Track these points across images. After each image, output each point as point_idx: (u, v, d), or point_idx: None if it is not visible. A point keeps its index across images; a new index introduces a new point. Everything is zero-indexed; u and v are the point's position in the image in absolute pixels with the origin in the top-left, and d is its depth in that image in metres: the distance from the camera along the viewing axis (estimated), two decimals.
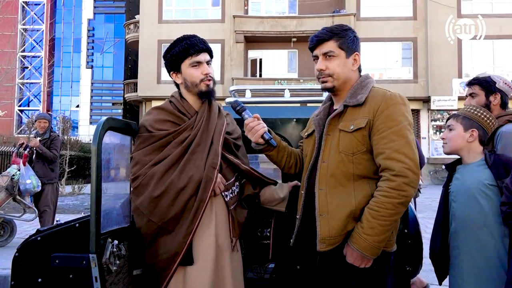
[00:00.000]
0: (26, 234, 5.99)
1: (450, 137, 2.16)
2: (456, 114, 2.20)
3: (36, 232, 2.03)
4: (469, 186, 2.06)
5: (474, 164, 2.10)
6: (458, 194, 2.11)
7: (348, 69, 1.83)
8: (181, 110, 2.04)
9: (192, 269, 1.89)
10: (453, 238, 2.10)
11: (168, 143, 1.96)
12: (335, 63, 1.81)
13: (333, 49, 1.80)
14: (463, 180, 2.11)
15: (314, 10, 21.39)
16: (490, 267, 1.96)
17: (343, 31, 1.82)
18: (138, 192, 1.91)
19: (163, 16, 21.67)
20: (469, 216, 2.03)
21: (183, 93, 2.09)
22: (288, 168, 2.10)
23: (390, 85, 17.02)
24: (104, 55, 36.90)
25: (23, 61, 34.44)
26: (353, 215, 1.69)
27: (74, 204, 10.93)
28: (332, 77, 1.82)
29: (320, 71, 1.83)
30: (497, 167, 2.01)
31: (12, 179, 5.60)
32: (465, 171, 2.12)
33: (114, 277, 1.80)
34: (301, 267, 1.94)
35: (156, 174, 1.89)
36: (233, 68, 21.07)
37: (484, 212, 1.99)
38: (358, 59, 1.85)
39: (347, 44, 1.81)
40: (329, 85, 1.84)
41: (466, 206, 2.05)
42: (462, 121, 2.14)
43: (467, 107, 2.19)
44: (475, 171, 2.07)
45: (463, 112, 2.17)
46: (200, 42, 2.03)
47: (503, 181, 1.95)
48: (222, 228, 1.98)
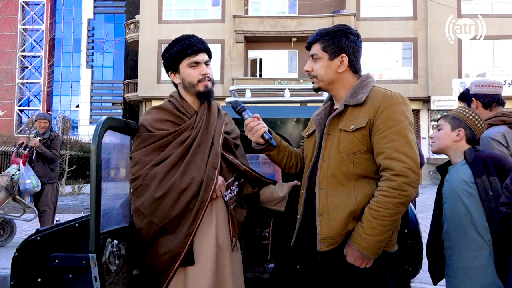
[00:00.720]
0: (25, 234, 5.99)
1: (437, 136, 2.20)
2: (445, 115, 2.24)
3: (35, 232, 2.03)
4: (454, 187, 2.09)
5: (459, 163, 2.12)
6: (447, 195, 2.15)
7: (332, 71, 1.83)
8: (180, 110, 2.03)
9: (193, 269, 1.88)
10: (446, 239, 2.13)
11: (169, 143, 1.95)
12: (318, 65, 1.85)
13: (317, 52, 1.85)
14: (450, 181, 2.14)
15: (314, 10, 21.39)
16: (482, 265, 1.97)
17: (330, 33, 1.84)
18: (138, 193, 1.89)
19: (163, 16, 21.67)
20: (457, 216, 2.06)
21: (181, 93, 2.08)
22: (289, 168, 2.10)
23: (390, 85, 17.00)
24: (104, 55, 36.87)
25: (23, 61, 34.42)
26: (353, 215, 1.69)
27: (74, 204, 10.92)
28: (317, 78, 1.86)
29: (306, 72, 1.90)
30: (476, 164, 2.02)
31: (12, 179, 5.60)
32: (452, 172, 2.15)
33: (113, 277, 1.79)
34: (301, 267, 1.94)
35: (157, 175, 1.87)
36: (233, 68, 21.07)
37: (469, 211, 2.01)
38: (346, 60, 1.82)
39: (332, 47, 1.82)
40: (315, 86, 1.91)
41: (453, 207, 2.09)
42: (450, 121, 2.17)
43: (457, 108, 2.24)
44: (459, 170, 2.10)
45: (453, 112, 2.21)
46: (198, 42, 2.02)
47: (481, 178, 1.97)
48: (222, 228, 1.98)
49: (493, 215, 1.93)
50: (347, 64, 1.83)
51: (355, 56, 1.84)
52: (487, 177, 1.98)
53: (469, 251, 2.00)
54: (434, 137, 2.23)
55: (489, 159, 2.01)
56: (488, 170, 1.98)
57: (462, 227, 2.03)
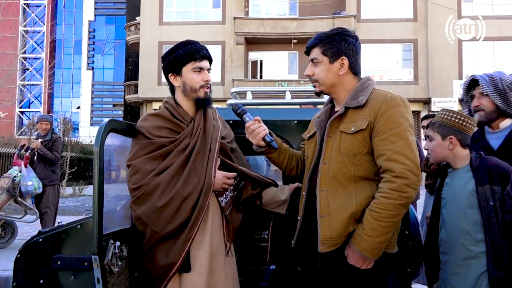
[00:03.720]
0: (27, 236, 5.99)
1: (431, 148, 2.10)
2: (432, 123, 2.11)
3: (38, 233, 2.04)
4: (456, 194, 2.01)
5: (461, 170, 2.03)
6: (447, 201, 2.07)
7: (333, 74, 1.84)
8: (177, 117, 2.02)
9: (188, 275, 1.88)
10: (443, 245, 2.07)
11: (170, 151, 1.94)
12: (319, 69, 1.86)
13: (316, 56, 1.86)
14: (452, 186, 2.06)
15: (314, 12, 21.41)
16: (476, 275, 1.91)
17: (329, 37, 1.84)
18: (140, 202, 1.87)
19: (164, 18, 21.70)
20: (456, 224, 1.99)
21: (178, 98, 2.07)
22: (290, 170, 2.11)
23: (390, 86, 17.04)
24: (105, 57, 36.91)
25: (24, 62, 34.49)
26: (354, 216, 1.70)
27: (75, 205, 10.93)
28: (318, 82, 1.87)
29: (307, 76, 1.90)
30: (480, 172, 1.94)
31: (14, 181, 5.61)
32: (454, 177, 2.07)
33: (116, 278, 1.80)
34: (302, 269, 1.95)
35: (161, 183, 1.86)
36: (233, 69, 21.09)
37: (469, 221, 1.95)
38: (346, 63, 1.83)
39: (331, 50, 1.83)
40: (316, 90, 1.91)
41: (453, 214, 2.01)
42: (438, 130, 2.06)
43: (441, 113, 2.10)
44: (461, 177, 2.02)
45: (438, 119, 2.09)
46: (204, 49, 2.05)
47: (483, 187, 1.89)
48: (216, 233, 1.98)
49: (491, 225, 1.87)
50: (347, 66, 1.83)
51: (355, 58, 1.85)
52: (490, 186, 1.90)
53: (465, 259, 1.95)
54: (429, 148, 2.13)
55: (494, 168, 1.93)
56: (492, 179, 1.91)
57: (458, 236, 1.98)
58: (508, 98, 2.14)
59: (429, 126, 2.15)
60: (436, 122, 2.09)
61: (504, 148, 2.11)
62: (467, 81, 2.35)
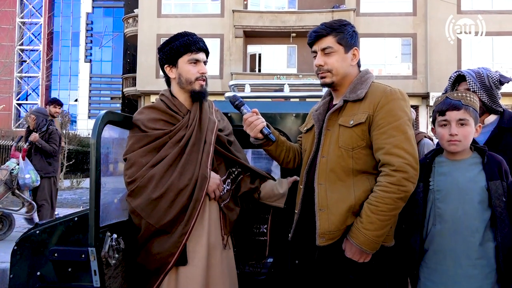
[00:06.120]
0: (24, 228, 5.98)
1: (464, 135, 1.77)
2: (466, 106, 1.79)
3: (35, 225, 2.04)
4: (464, 187, 1.78)
5: (466, 161, 1.82)
6: (448, 194, 1.80)
7: (347, 64, 1.82)
8: (173, 108, 2.01)
9: (185, 268, 1.88)
10: (437, 242, 1.81)
11: (164, 143, 1.93)
12: (334, 58, 1.81)
13: (331, 45, 1.80)
14: (454, 178, 1.80)
15: (313, 5, 21.31)
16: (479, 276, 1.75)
17: (341, 26, 1.82)
18: (135, 194, 1.87)
19: (162, 10, 21.57)
20: (462, 220, 1.76)
21: (174, 90, 2.07)
22: (287, 162, 2.11)
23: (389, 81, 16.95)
24: (103, 49, 36.78)
25: (21, 54, 34.31)
26: (352, 210, 1.70)
27: (73, 198, 10.92)
28: (331, 72, 1.81)
29: (318, 66, 1.83)
30: (491, 167, 1.79)
31: (11, 173, 5.59)
32: (455, 169, 1.83)
33: (113, 270, 1.80)
34: (300, 262, 1.95)
35: (155, 175, 1.85)
36: (232, 63, 21.02)
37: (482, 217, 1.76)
38: (357, 54, 1.85)
39: (346, 39, 1.81)
40: (328, 81, 1.84)
41: (458, 208, 1.77)
42: (472, 114, 1.79)
43: (467, 96, 1.82)
44: (468, 170, 1.80)
45: (469, 102, 1.80)
46: (201, 41, 2.04)
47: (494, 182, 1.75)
48: (213, 226, 1.97)
49: (503, 223, 1.73)
50: (358, 57, 1.84)
51: (359, 51, 1.87)
52: (502, 182, 1.76)
53: (468, 259, 1.75)
54: (458, 134, 1.77)
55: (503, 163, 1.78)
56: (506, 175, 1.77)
57: (463, 232, 1.76)
58: (494, 94, 2.12)
59: (462, 108, 1.79)
60: (469, 105, 1.80)
61: (490, 144, 2.06)
62: (453, 76, 2.34)
